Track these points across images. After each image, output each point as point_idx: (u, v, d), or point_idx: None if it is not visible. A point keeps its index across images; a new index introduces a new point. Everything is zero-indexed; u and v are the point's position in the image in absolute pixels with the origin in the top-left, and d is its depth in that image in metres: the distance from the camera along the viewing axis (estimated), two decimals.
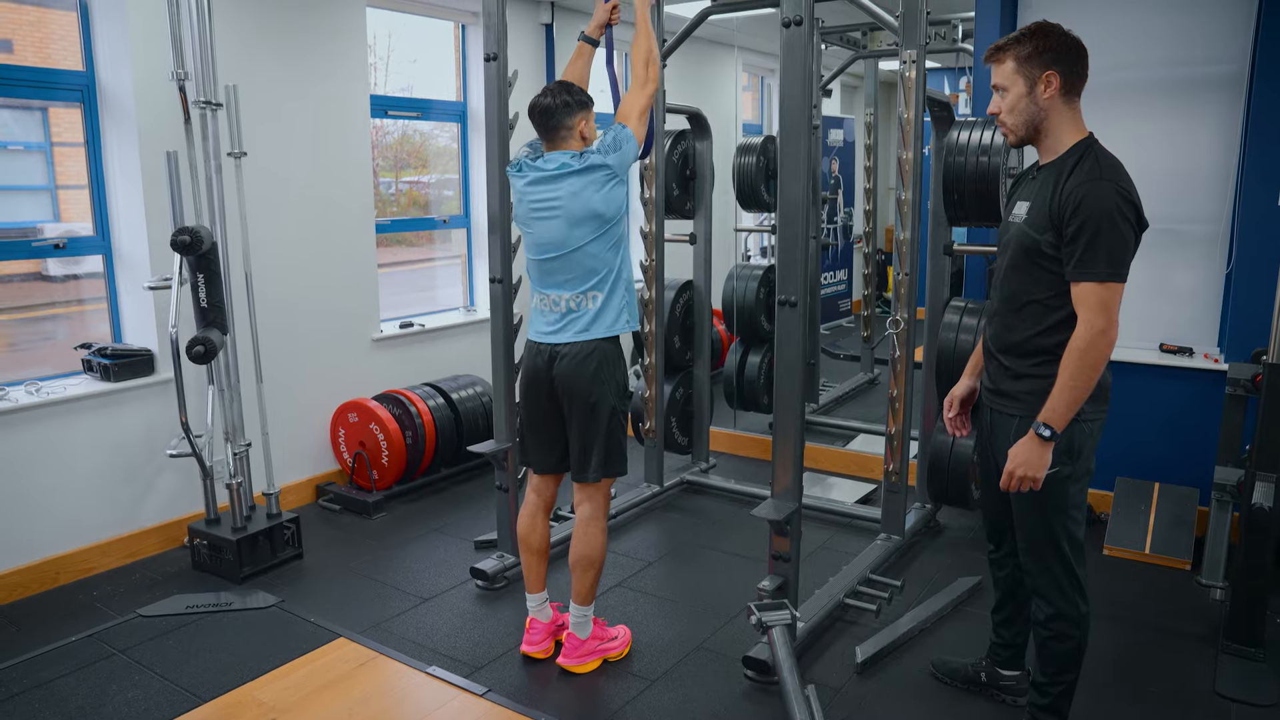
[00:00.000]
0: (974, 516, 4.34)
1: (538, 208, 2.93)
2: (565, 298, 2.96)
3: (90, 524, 3.81)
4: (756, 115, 8.47)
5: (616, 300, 2.97)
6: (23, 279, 4.01)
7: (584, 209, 2.87)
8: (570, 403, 2.98)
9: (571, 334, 2.95)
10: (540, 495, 3.20)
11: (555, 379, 2.97)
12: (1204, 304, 4.22)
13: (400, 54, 5.40)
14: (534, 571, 3.18)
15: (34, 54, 3.85)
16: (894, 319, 3.73)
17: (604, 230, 2.91)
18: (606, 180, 2.88)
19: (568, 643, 3.11)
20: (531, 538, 3.18)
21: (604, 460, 3.00)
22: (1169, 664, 3.12)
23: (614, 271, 2.96)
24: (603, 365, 2.95)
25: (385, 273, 5.15)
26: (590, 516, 3.07)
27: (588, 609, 3.10)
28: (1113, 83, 4.31)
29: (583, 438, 3.00)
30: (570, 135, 2.94)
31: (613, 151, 2.89)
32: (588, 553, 3.06)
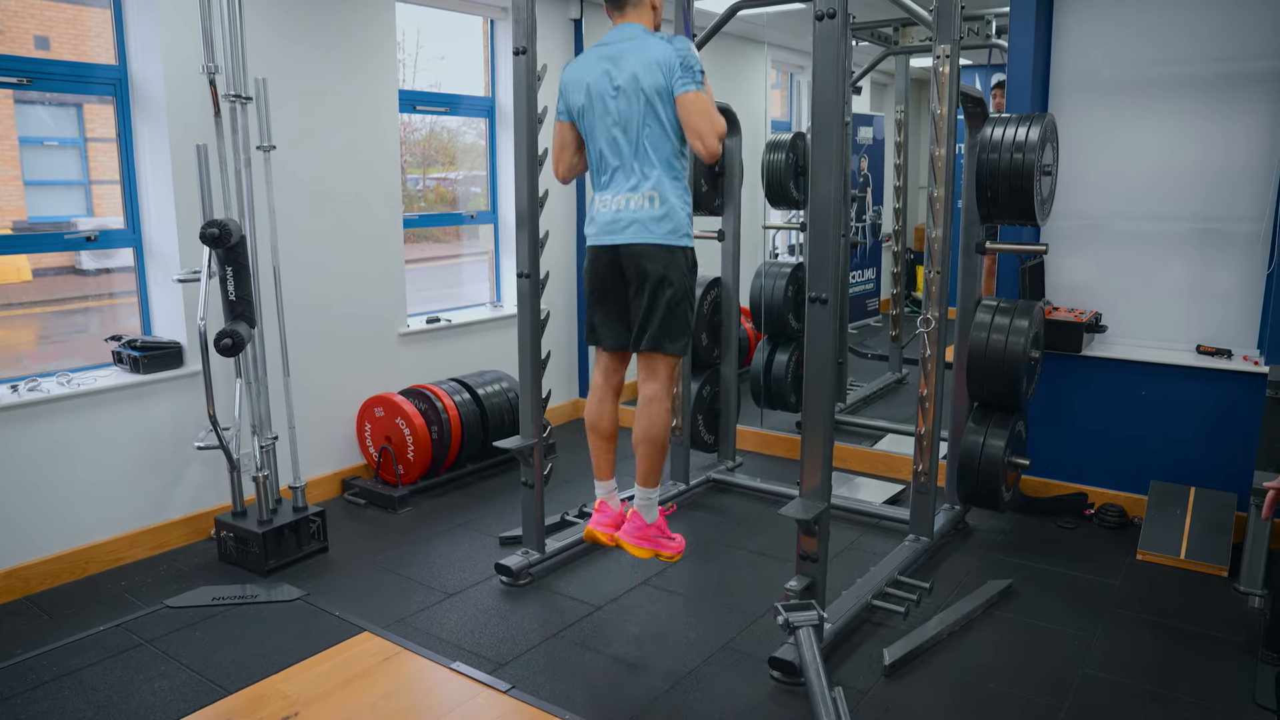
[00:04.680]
0: (1004, 519, 4.28)
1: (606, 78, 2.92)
2: (628, 195, 2.94)
3: (119, 515, 3.84)
4: (785, 112, 8.42)
5: (680, 211, 2.95)
6: (56, 272, 4.05)
7: (656, 77, 2.86)
8: (636, 277, 2.97)
9: (636, 235, 2.93)
10: (608, 380, 3.20)
11: (622, 259, 2.97)
12: (1244, 305, 4.13)
13: (429, 50, 5.40)
14: (603, 457, 3.20)
15: (70, 50, 3.89)
16: (925, 317, 3.68)
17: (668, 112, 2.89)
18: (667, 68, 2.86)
19: (631, 521, 3.08)
20: (600, 422, 3.19)
21: (666, 330, 2.98)
22: (1206, 672, 3.05)
23: (676, 173, 2.94)
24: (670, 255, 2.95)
25: (412, 268, 5.16)
26: (653, 395, 3.05)
27: (652, 491, 3.08)
28: (1150, 79, 4.24)
29: (647, 308, 2.98)
30: (641, 3, 2.96)
31: (687, 68, 2.87)
32: (650, 432, 3.04)
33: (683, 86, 2.87)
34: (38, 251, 3.88)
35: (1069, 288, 4.50)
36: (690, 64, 2.88)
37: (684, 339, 3.05)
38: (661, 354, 3.03)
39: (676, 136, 2.95)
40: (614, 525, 3.17)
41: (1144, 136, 4.28)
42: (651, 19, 3.02)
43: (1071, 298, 4.49)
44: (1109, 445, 4.32)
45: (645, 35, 2.96)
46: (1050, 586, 3.65)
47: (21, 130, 3.86)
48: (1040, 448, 4.34)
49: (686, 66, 2.88)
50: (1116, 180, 4.34)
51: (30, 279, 3.95)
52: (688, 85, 2.87)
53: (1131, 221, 4.34)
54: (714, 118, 2.91)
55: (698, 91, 2.88)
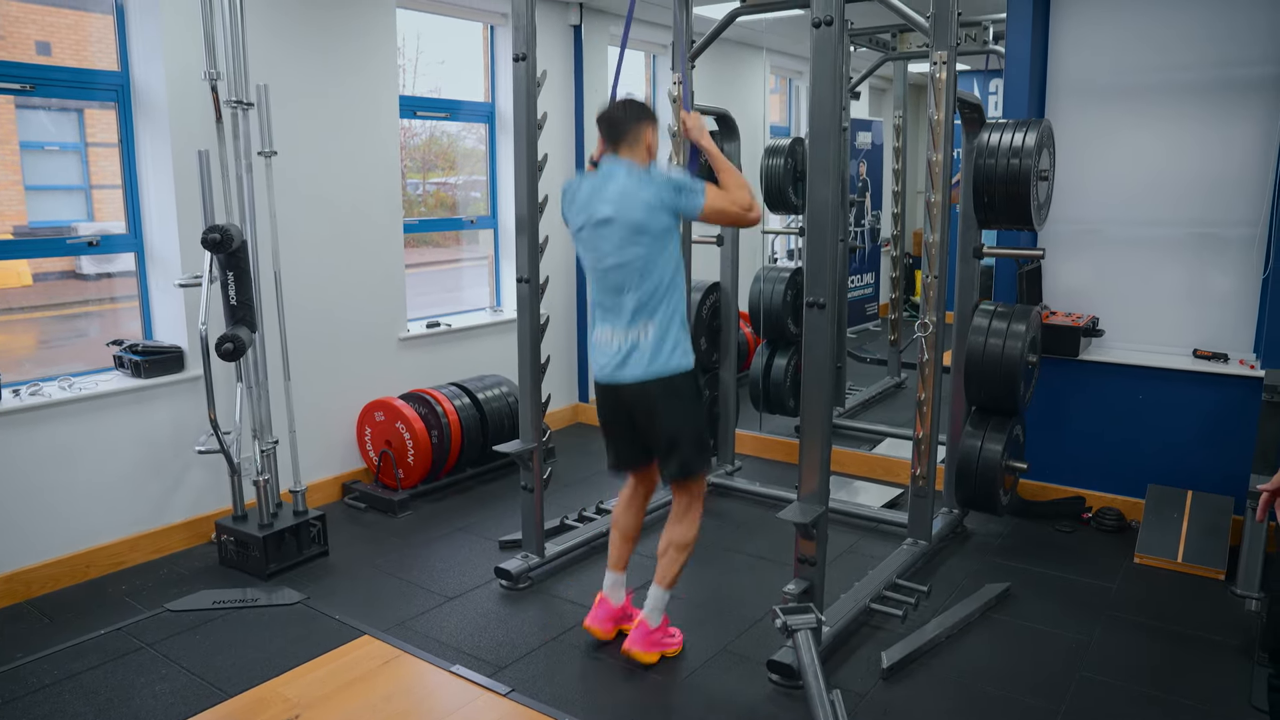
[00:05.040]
0: (1002, 522, 4.29)
1: (596, 215, 2.93)
2: (620, 329, 2.95)
3: (120, 519, 3.85)
4: (784, 117, 8.45)
5: (673, 332, 2.95)
6: (57, 277, 4.07)
7: (637, 214, 2.86)
8: (644, 415, 3.01)
9: (635, 372, 2.94)
10: (636, 490, 3.27)
11: (627, 398, 3.00)
12: (1240, 309, 4.15)
13: (429, 55, 5.43)
14: (619, 551, 3.25)
15: (71, 56, 3.91)
16: (922, 322, 3.69)
17: (655, 243, 2.89)
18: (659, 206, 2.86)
19: (638, 630, 3.11)
20: (622, 521, 3.26)
21: (687, 461, 3.03)
22: (1203, 675, 3.06)
23: (667, 301, 2.94)
24: (672, 389, 2.96)
25: (412, 273, 5.17)
26: (687, 509, 3.12)
27: (666, 594, 3.12)
28: (1147, 84, 4.26)
29: (664, 445, 3.03)
30: (637, 143, 2.97)
31: (678, 190, 2.88)
32: (681, 541, 3.11)
33: (694, 207, 2.89)
34: (40, 256, 3.90)
35: (1066, 292, 4.52)
36: (680, 185, 2.89)
37: (705, 457, 3.10)
38: (691, 480, 3.09)
39: (670, 267, 2.94)
40: (611, 620, 3.22)
41: (1141, 142, 4.31)
42: (645, 158, 3.00)
43: (1069, 302, 4.51)
44: (1106, 449, 4.33)
45: (629, 176, 2.90)
46: (1048, 590, 3.66)
47: (22, 135, 3.88)
48: (1038, 452, 4.36)
49: (680, 189, 2.88)
50: (1113, 185, 4.36)
51: (30, 283, 3.97)
52: (695, 199, 2.89)
53: (1128, 226, 4.36)
54: (735, 206, 2.94)
55: (706, 196, 2.90)
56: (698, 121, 3.24)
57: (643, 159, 2.98)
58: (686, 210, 2.92)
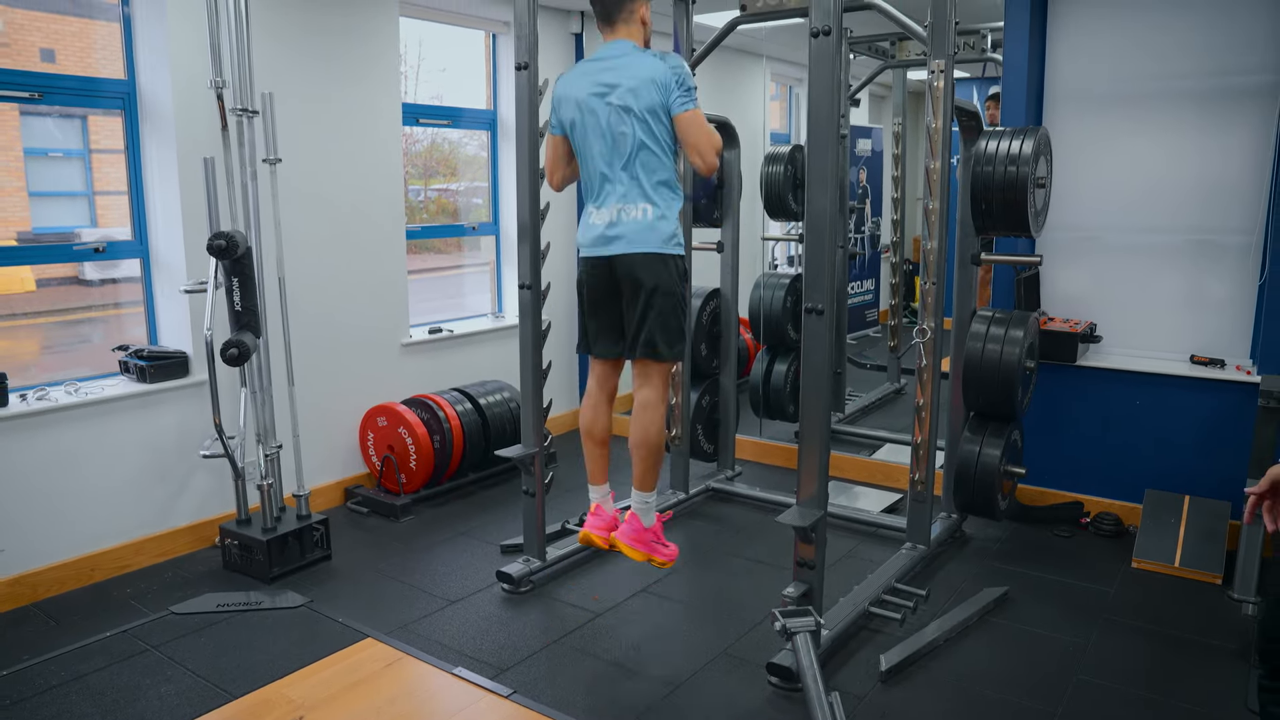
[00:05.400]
0: (1000, 527, 4.32)
1: (599, 93, 2.96)
2: (619, 207, 2.97)
3: (125, 522, 3.88)
4: (784, 124, 8.49)
5: (670, 220, 2.98)
6: (60, 283, 4.10)
7: (652, 94, 2.90)
8: (630, 287, 3.01)
9: (631, 246, 2.96)
10: (602, 386, 3.26)
11: (616, 270, 3.01)
12: (1236, 315, 4.18)
13: (431, 62, 5.46)
14: (596, 462, 3.26)
15: (76, 63, 3.94)
16: (920, 328, 3.72)
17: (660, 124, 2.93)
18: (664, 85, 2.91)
19: (629, 523, 3.11)
20: (594, 429, 3.25)
21: (660, 338, 3.02)
22: (1200, 679, 3.08)
23: (668, 184, 2.99)
24: (662, 263, 2.99)
25: (415, 279, 5.20)
26: (647, 401, 3.09)
27: (649, 495, 3.13)
28: (1144, 93, 4.30)
29: (639, 316, 3.03)
30: (632, 18, 3.01)
31: (681, 84, 2.93)
32: (645, 438, 3.09)
33: (681, 105, 2.94)
34: (47, 262, 3.94)
35: (1064, 299, 4.55)
36: (687, 83, 2.94)
37: (678, 344, 3.10)
38: (656, 360, 3.08)
39: (669, 151, 3.01)
40: (608, 528, 3.22)
41: (1138, 149, 4.34)
42: (642, 35, 3.07)
43: (1067, 308, 4.54)
44: (1104, 454, 4.36)
45: (638, 52, 3.00)
46: (1046, 594, 3.69)
47: (26, 141, 3.91)
48: (1036, 457, 4.39)
49: (683, 85, 2.94)
50: (1111, 192, 4.39)
51: (34, 289, 4.00)
52: (686, 104, 2.94)
53: (1125, 233, 4.39)
54: (712, 134, 2.99)
55: (695, 110, 2.96)
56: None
57: (639, 35, 3.01)
58: (674, 102, 2.94)
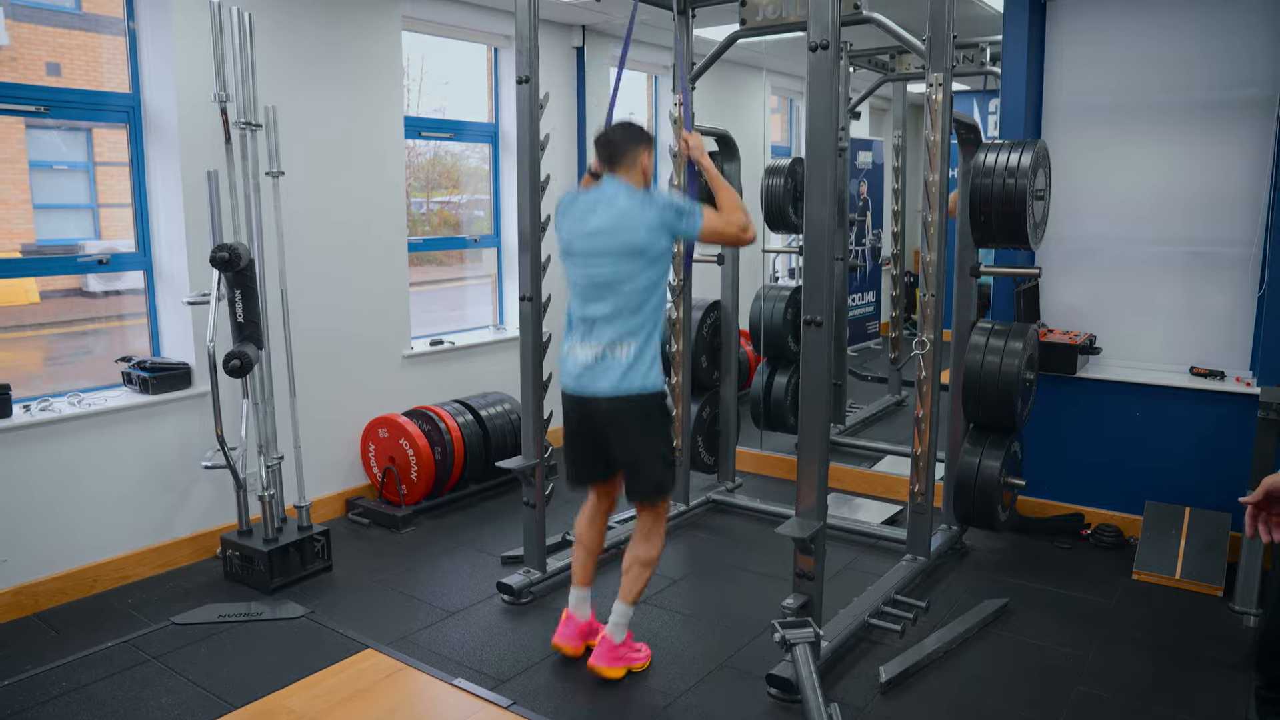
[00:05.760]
0: (1001, 539, 4.32)
1: (586, 236, 2.97)
2: (598, 346, 2.98)
3: (127, 533, 3.89)
4: (785, 137, 8.53)
5: (650, 352, 2.99)
6: (64, 294, 4.12)
7: (638, 236, 2.91)
8: (611, 430, 3.04)
9: (608, 385, 2.97)
10: (599, 503, 3.30)
11: (594, 412, 3.03)
12: (1236, 327, 4.19)
13: (433, 76, 5.50)
14: (583, 566, 3.28)
15: (81, 77, 3.98)
16: (919, 340, 3.74)
17: (650, 266, 2.94)
18: (660, 227, 2.92)
19: (601, 645, 3.14)
20: (586, 536, 3.29)
21: (652, 482, 3.09)
22: (1201, 691, 3.08)
23: (650, 322, 2.99)
24: (643, 409, 3.00)
25: (416, 291, 5.23)
26: (649, 527, 3.16)
27: (629, 610, 3.15)
28: (1142, 105, 4.32)
29: (629, 467, 3.09)
30: (634, 166, 3.03)
31: (679, 213, 2.94)
32: (644, 558, 3.14)
33: (693, 229, 2.97)
34: (51, 274, 3.96)
35: (1064, 310, 4.56)
36: (679, 208, 2.96)
37: (669, 478, 3.15)
38: (654, 501, 3.14)
39: (655, 292, 2.99)
40: (580, 637, 3.25)
41: (1136, 161, 4.36)
42: (641, 180, 3.06)
43: (1066, 320, 4.55)
44: (1104, 466, 4.36)
45: (629, 197, 2.96)
46: (1046, 606, 3.69)
47: (31, 154, 3.94)
48: (1036, 468, 4.39)
49: (680, 213, 2.95)
50: (1110, 204, 4.41)
51: (39, 301, 4.02)
52: (694, 222, 2.96)
53: (1125, 245, 4.41)
54: (732, 227, 3.03)
55: (704, 218, 2.97)
56: (698, 141, 3.31)
57: (639, 182, 3.04)
58: (686, 233, 3.00)
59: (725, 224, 3.03)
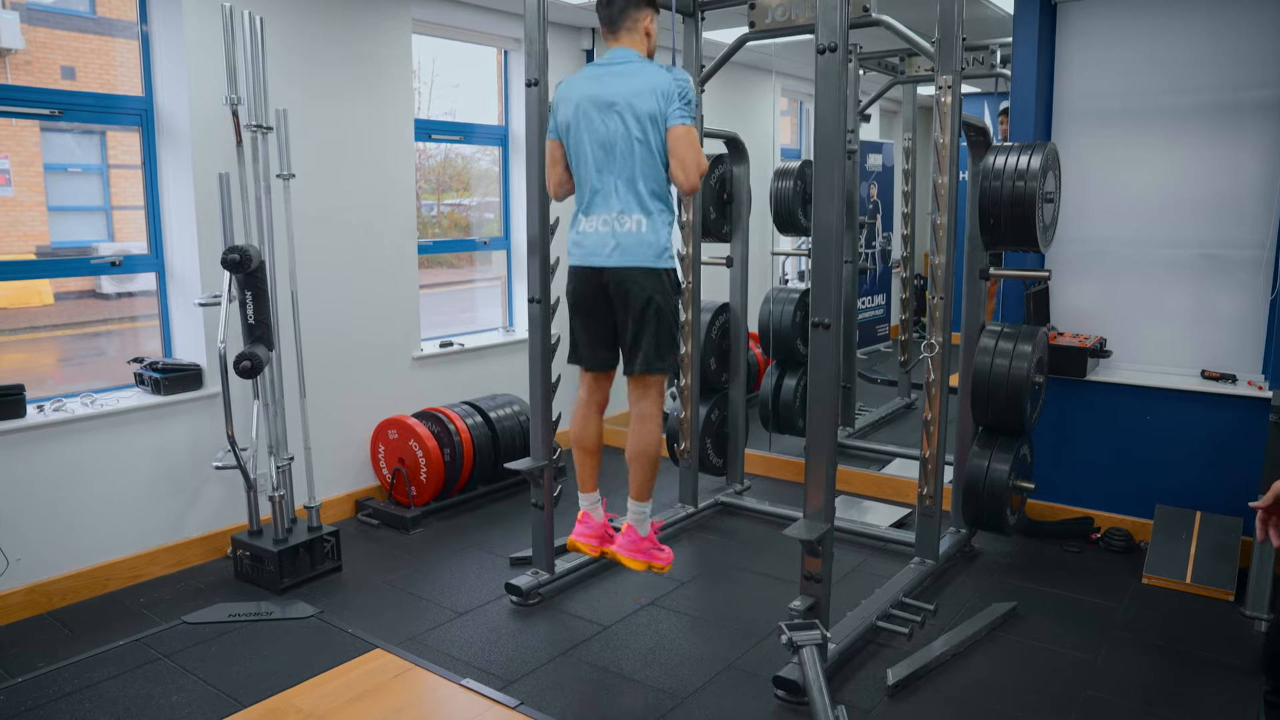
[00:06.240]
0: (1009, 542, 4.31)
1: (596, 98, 2.95)
2: (611, 217, 2.97)
3: (139, 533, 3.92)
4: (795, 140, 8.52)
5: (661, 232, 2.97)
6: (77, 296, 4.16)
7: (651, 103, 2.89)
8: (622, 301, 3.02)
9: (625, 258, 2.96)
10: (591, 395, 3.27)
11: (607, 283, 3.01)
12: (1248, 330, 4.17)
13: (444, 79, 5.53)
14: (587, 470, 3.27)
15: (95, 81, 4.01)
16: (929, 342, 3.73)
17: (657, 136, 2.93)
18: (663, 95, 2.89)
19: (625, 535, 3.12)
20: (584, 438, 3.26)
21: (654, 353, 3.03)
22: (1210, 696, 3.07)
23: (661, 196, 2.98)
24: (655, 278, 2.99)
25: (426, 293, 5.25)
26: (644, 413, 3.11)
27: (645, 505, 3.14)
28: (1153, 108, 4.31)
29: (634, 331, 3.03)
30: (636, 28, 3.01)
31: (682, 96, 2.91)
32: (643, 449, 3.11)
33: (678, 118, 2.92)
34: (65, 276, 3.99)
35: (1074, 313, 4.55)
36: (688, 97, 2.94)
37: (672, 356, 3.13)
38: (653, 374, 3.10)
39: (663, 162, 2.99)
40: (596, 536, 3.24)
41: (1147, 164, 4.35)
42: (646, 45, 3.07)
43: (1076, 323, 4.54)
44: (1114, 469, 4.35)
45: (643, 61, 3.00)
46: (1055, 610, 3.67)
47: (46, 157, 3.98)
48: (1046, 472, 4.38)
49: (685, 99, 2.93)
50: (1120, 206, 4.40)
51: (52, 302, 4.06)
52: (683, 117, 2.92)
53: (1136, 248, 4.39)
54: (700, 154, 2.98)
55: (690, 125, 2.95)
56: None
57: (644, 46, 3.01)
58: (672, 114, 2.92)
59: (695, 152, 2.94)
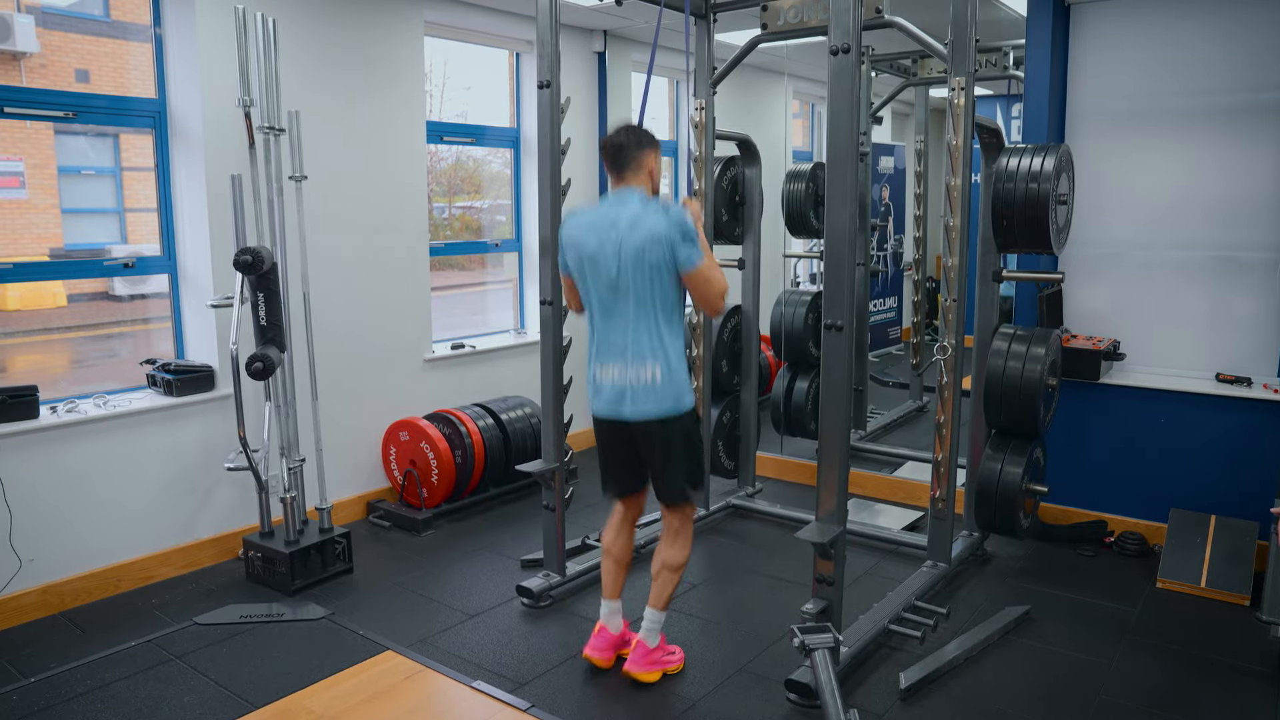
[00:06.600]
0: (1022, 546, 4.29)
1: (602, 246, 2.95)
2: (625, 368, 2.97)
3: (151, 534, 3.93)
4: (807, 142, 8.51)
5: (677, 368, 2.97)
6: (90, 298, 4.18)
7: (655, 251, 2.88)
8: (646, 445, 3.06)
9: (645, 409, 2.97)
10: (626, 514, 3.31)
11: (631, 430, 3.04)
12: (1263, 333, 4.14)
13: (456, 81, 5.54)
14: (612, 579, 3.28)
15: (109, 83, 4.03)
16: (941, 345, 3.72)
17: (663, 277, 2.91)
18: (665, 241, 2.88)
19: (636, 650, 3.15)
20: (614, 548, 3.29)
21: (684, 482, 3.09)
22: (1226, 701, 3.04)
23: (673, 334, 2.98)
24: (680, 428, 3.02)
25: (438, 295, 5.25)
26: (678, 531, 3.16)
27: (662, 615, 3.16)
28: (1166, 109, 4.28)
29: (662, 466, 3.07)
30: (640, 169, 3.02)
31: (685, 235, 2.89)
32: (671, 563, 3.15)
33: (690, 262, 2.89)
34: (79, 277, 4.01)
35: (1087, 316, 4.52)
36: (690, 234, 2.90)
37: (699, 481, 3.17)
38: (685, 504, 3.15)
39: (673, 300, 2.97)
40: (613, 648, 3.24)
41: (1161, 166, 4.32)
42: (649, 184, 3.05)
43: (1090, 326, 4.51)
44: (1128, 473, 4.32)
45: (642, 204, 2.95)
46: (1068, 614, 3.65)
47: (60, 160, 4.00)
48: (1059, 475, 4.35)
49: (687, 238, 2.89)
50: (1134, 209, 4.37)
51: (65, 304, 4.08)
52: (693, 259, 2.89)
53: (1149, 250, 4.36)
54: (719, 281, 2.95)
55: (702, 261, 2.91)
56: (697, 210, 3.12)
57: (647, 185, 3.02)
58: (682, 260, 2.90)
59: (717, 278, 2.95)
